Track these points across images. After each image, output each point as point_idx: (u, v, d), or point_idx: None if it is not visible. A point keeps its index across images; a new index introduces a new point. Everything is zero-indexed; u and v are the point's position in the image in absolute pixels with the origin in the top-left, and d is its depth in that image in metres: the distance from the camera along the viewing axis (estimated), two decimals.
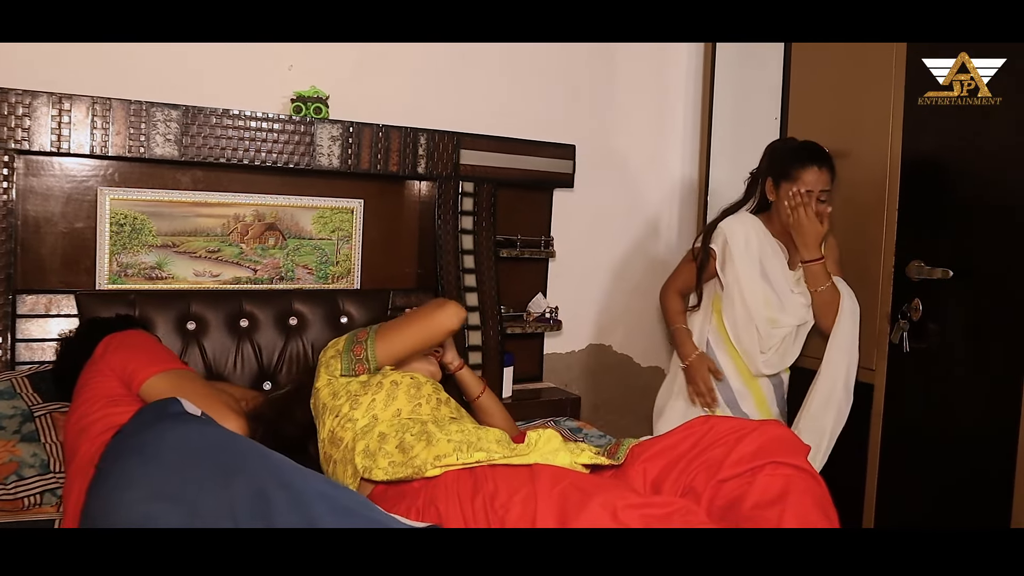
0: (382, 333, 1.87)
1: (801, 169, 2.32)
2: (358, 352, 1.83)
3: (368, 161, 2.45)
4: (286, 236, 2.50)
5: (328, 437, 1.74)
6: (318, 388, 1.84)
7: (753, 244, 2.35)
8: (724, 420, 1.62)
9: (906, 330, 2.34)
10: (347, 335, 1.92)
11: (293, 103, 2.41)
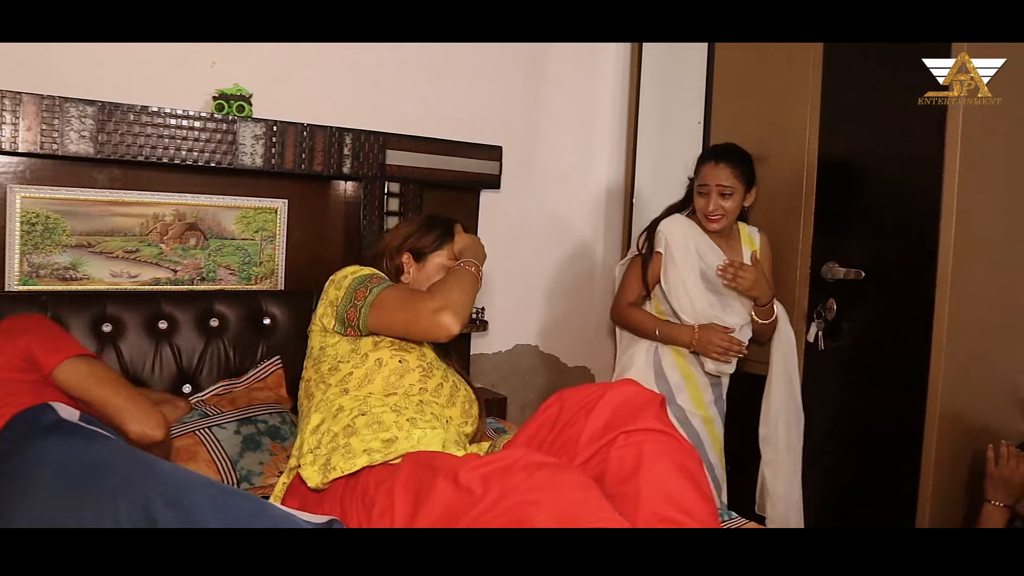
0: (378, 305, 1.75)
1: (702, 164, 2.41)
2: (351, 317, 1.77)
3: (292, 161, 2.42)
4: (208, 236, 2.45)
5: (311, 372, 1.82)
6: (318, 317, 1.85)
7: (691, 246, 2.40)
8: (573, 394, 1.59)
9: (821, 329, 2.42)
10: (350, 284, 1.81)
11: (215, 101, 2.36)
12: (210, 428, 2.04)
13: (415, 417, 1.67)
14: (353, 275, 1.83)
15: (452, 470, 1.36)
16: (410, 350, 1.80)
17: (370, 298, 1.76)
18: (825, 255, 2.43)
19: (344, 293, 1.80)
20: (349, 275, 1.84)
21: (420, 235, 2.03)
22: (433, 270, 1.99)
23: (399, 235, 2.05)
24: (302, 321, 2.47)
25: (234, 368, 2.36)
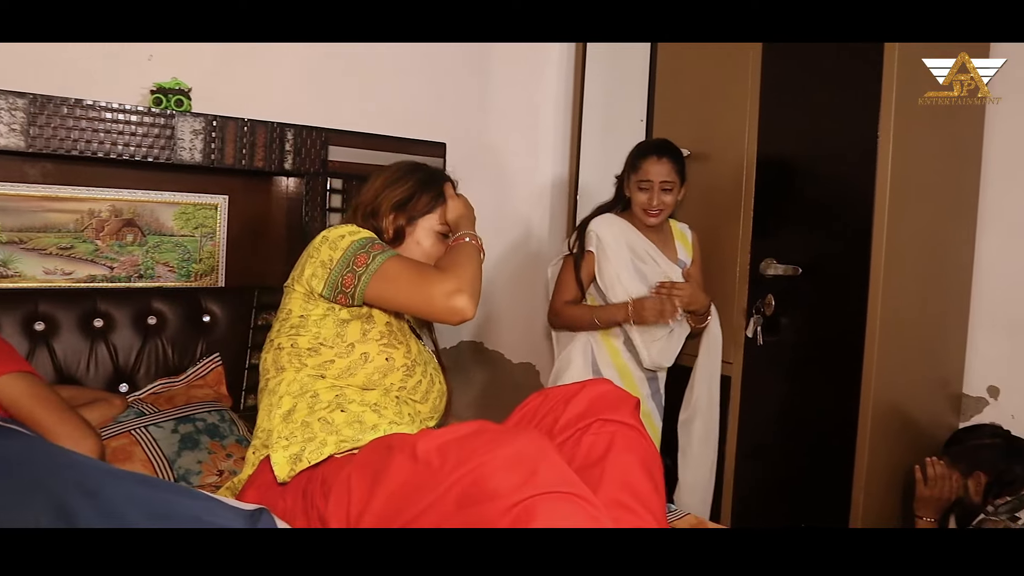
0: (382, 275, 1.61)
1: (643, 159, 2.43)
2: (348, 283, 1.61)
3: (232, 156, 2.39)
4: (145, 233, 2.41)
5: (284, 339, 1.68)
6: (303, 278, 1.67)
7: (623, 242, 2.42)
8: (556, 389, 1.67)
9: (760, 324, 2.47)
10: (349, 246, 1.65)
11: (153, 95, 2.32)
12: (146, 427, 2.00)
13: (395, 420, 1.63)
14: (352, 237, 1.67)
15: (409, 445, 1.34)
16: (397, 346, 1.70)
17: (373, 266, 1.61)
18: (763, 252, 2.47)
19: (341, 255, 1.63)
20: (347, 236, 1.67)
21: (416, 197, 1.85)
22: (422, 235, 1.85)
23: (392, 195, 1.84)
24: (243, 318, 2.45)
25: (173, 366, 2.32)
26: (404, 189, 1.85)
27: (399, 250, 1.77)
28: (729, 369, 2.57)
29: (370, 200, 1.85)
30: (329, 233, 1.69)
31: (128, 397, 2.15)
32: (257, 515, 1.32)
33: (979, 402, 2.55)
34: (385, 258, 1.62)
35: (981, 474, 2.26)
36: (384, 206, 1.83)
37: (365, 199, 1.86)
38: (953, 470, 2.29)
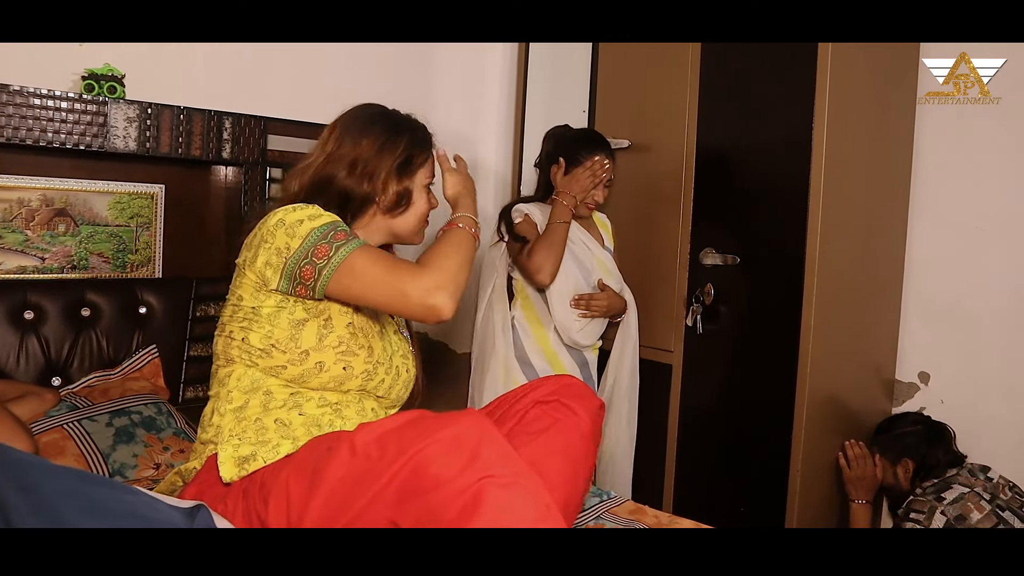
0: (348, 271, 1.44)
1: (596, 152, 2.44)
2: (307, 275, 1.45)
3: (169, 145, 2.34)
4: (78, 223, 2.35)
5: (235, 328, 1.52)
6: (256, 265, 1.49)
7: None
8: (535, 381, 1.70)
9: (700, 313, 2.50)
10: (308, 234, 1.46)
11: (84, 81, 2.26)
12: (79, 421, 1.96)
13: (355, 417, 1.54)
14: (312, 223, 1.47)
15: (347, 440, 1.28)
16: (357, 351, 1.54)
17: (336, 259, 1.44)
18: (702, 242, 2.51)
19: (299, 244, 1.45)
20: (306, 220, 1.48)
21: (415, 157, 1.68)
22: (418, 196, 1.70)
23: (390, 159, 1.63)
24: (181, 310, 2.41)
25: (108, 359, 2.28)
26: (401, 150, 1.65)
27: (402, 217, 1.67)
28: (670, 357, 2.60)
29: (354, 163, 1.61)
30: (286, 216, 1.49)
31: (61, 391, 2.10)
32: (195, 512, 1.30)
33: (911, 387, 2.62)
34: (350, 250, 1.45)
35: (908, 461, 2.36)
36: (382, 171, 1.63)
37: (343, 162, 1.61)
38: (874, 452, 2.41)
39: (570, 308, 2.42)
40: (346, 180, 1.60)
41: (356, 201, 1.61)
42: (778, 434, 2.34)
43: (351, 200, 1.60)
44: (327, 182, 1.60)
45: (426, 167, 1.71)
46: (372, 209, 1.64)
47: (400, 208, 1.66)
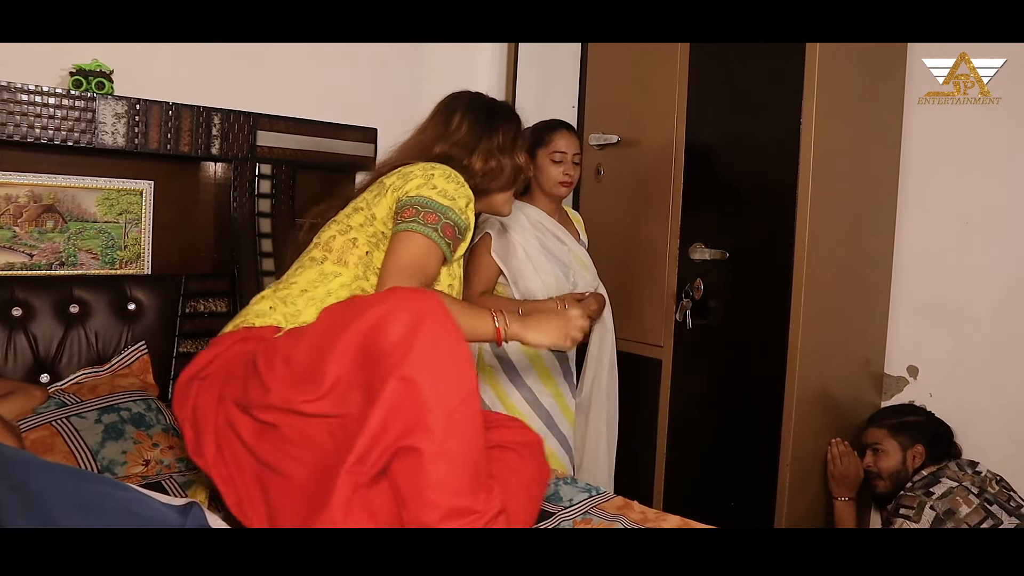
0: (404, 239, 1.67)
1: (553, 133, 2.46)
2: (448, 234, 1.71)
3: (157, 141, 2.34)
4: (67, 219, 2.34)
5: (362, 234, 1.76)
6: (404, 189, 1.74)
7: (527, 224, 2.44)
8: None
9: (689, 308, 2.51)
10: (439, 202, 1.69)
11: (72, 76, 2.25)
12: (68, 418, 1.95)
13: None
14: (448, 200, 1.71)
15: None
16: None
17: (412, 225, 1.68)
18: (692, 237, 2.51)
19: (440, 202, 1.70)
20: (450, 193, 1.72)
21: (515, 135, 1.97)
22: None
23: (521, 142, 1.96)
24: (170, 306, 2.40)
25: (97, 355, 2.27)
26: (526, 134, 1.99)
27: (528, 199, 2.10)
28: (659, 352, 2.61)
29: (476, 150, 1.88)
30: (445, 180, 1.73)
31: (49, 388, 2.10)
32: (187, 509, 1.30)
33: (899, 381, 2.64)
34: (425, 232, 1.66)
35: (920, 447, 2.36)
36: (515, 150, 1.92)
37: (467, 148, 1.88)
38: (869, 441, 2.42)
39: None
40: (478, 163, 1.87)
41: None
42: (768, 428, 2.35)
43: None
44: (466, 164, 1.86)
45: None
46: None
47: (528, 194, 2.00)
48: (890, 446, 2.39)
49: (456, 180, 1.74)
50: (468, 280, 2.46)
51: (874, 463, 2.42)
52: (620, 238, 2.71)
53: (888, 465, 2.39)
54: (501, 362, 2.45)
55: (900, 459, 2.38)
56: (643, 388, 2.62)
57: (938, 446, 2.37)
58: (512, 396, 2.43)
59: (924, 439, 2.37)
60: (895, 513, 2.26)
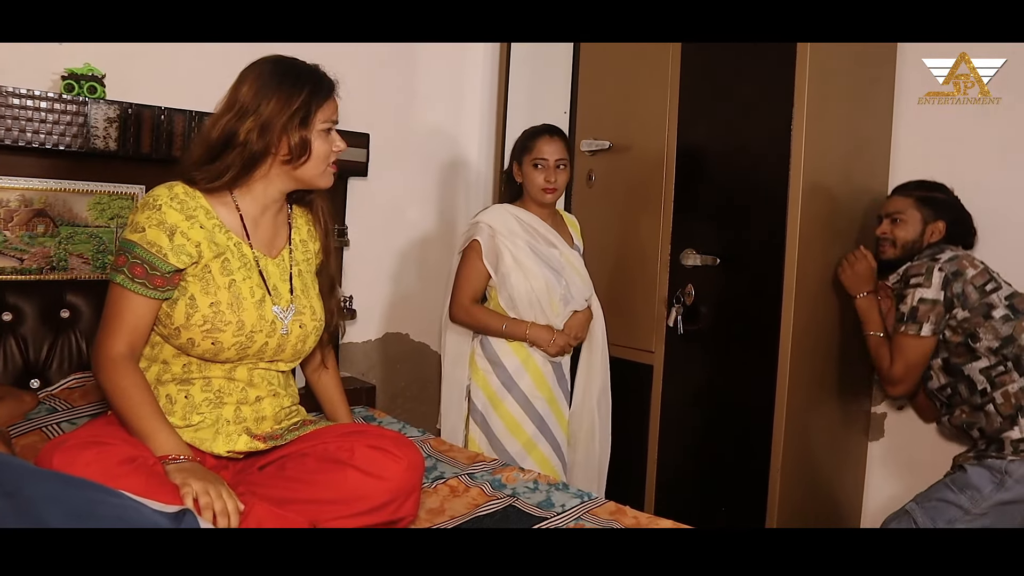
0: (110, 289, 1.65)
1: (536, 140, 2.46)
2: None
3: (150, 145, 2.33)
4: (58, 223, 2.33)
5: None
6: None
7: (517, 229, 2.45)
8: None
9: (680, 314, 2.52)
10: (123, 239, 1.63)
11: (64, 80, 2.24)
12: (58, 424, 1.94)
13: (244, 378, 1.75)
14: (132, 233, 1.61)
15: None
16: (223, 328, 1.68)
17: (112, 275, 1.64)
18: (683, 242, 2.52)
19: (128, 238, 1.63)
20: (137, 224, 1.61)
21: (308, 107, 1.69)
22: (316, 139, 1.71)
23: (283, 112, 1.66)
24: None
25: (88, 361, 2.26)
26: (299, 104, 1.67)
27: (304, 166, 1.70)
28: (651, 358, 2.62)
29: (253, 118, 1.65)
30: (139, 207, 1.65)
31: (39, 393, 2.09)
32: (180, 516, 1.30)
33: None
34: (114, 279, 1.60)
35: (942, 223, 2.33)
36: (277, 125, 1.65)
37: (246, 117, 1.65)
38: (916, 212, 2.35)
39: (541, 314, 2.45)
40: (244, 135, 1.64)
41: (248, 155, 1.66)
42: (759, 434, 2.36)
43: (248, 154, 1.65)
44: (232, 136, 1.65)
45: (323, 111, 1.72)
46: (268, 161, 1.69)
47: (301, 158, 1.69)
48: (912, 217, 2.35)
49: (152, 206, 1.61)
50: (457, 286, 2.48)
51: (891, 231, 2.38)
52: (612, 244, 2.72)
53: (905, 235, 2.36)
54: (493, 365, 2.45)
55: (919, 232, 2.35)
56: (635, 393, 2.63)
57: (958, 229, 2.34)
58: (505, 400, 2.44)
59: (948, 217, 2.33)
60: (906, 285, 2.28)
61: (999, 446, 2.16)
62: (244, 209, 1.72)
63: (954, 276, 2.21)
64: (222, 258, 1.66)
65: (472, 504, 1.82)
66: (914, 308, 2.24)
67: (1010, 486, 2.13)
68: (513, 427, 2.43)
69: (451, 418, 2.53)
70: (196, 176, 1.66)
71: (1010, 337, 2.18)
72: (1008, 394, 2.17)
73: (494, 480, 1.95)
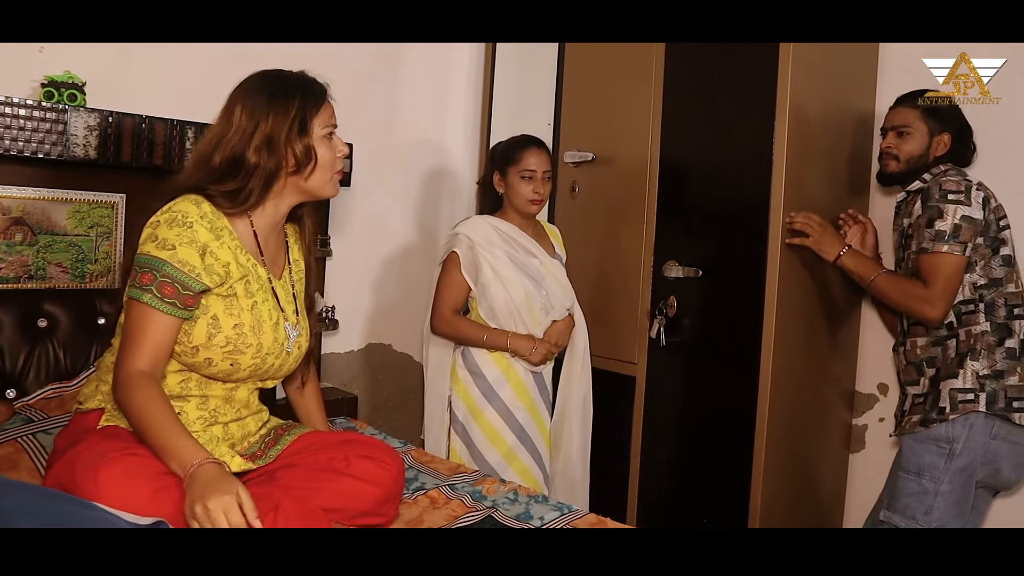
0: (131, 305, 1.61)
1: (523, 151, 2.46)
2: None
3: (130, 154, 2.32)
4: (36, 232, 2.31)
5: None
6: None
7: (496, 240, 2.45)
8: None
9: (663, 325, 2.52)
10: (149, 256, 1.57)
11: (44, 88, 2.23)
12: (34, 434, 1.92)
13: (243, 397, 1.78)
14: (160, 250, 1.57)
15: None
16: (244, 350, 1.68)
17: (134, 292, 1.59)
18: (666, 254, 2.53)
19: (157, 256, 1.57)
20: (168, 243, 1.57)
21: (303, 114, 1.68)
22: (319, 144, 1.69)
23: (282, 124, 1.64)
24: None
25: (65, 371, 2.24)
26: (294, 113, 1.66)
27: (312, 176, 1.68)
28: (633, 369, 2.62)
29: (255, 137, 1.63)
30: (163, 224, 1.58)
31: (15, 403, 2.07)
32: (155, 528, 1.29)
33: (870, 398, 2.66)
34: (139, 297, 1.55)
35: (947, 135, 2.24)
36: (281, 139, 1.64)
37: (246, 137, 1.63)
38: (922, 124, 2.25)
39: (521, 325, 2.45)
40: (254, 156, 1.62)
41: (266, 175, 1.64)
42: (740, 445, 2.36)
43: (264, 173, 1.63)
44: (241, 159, 1.63)
45: (320, 116, 1.71)
46: (282, 176, 1.67)
47: (308, 167, 1.67)
48: (919, 129, 2.24)
49: (181, 223, 1.56)
50: (437, 298, 2.49)
51: (896, 145, 2.27)
52: (594, 255, 2.72)
53: (910, 148, 2.25)
54: (474, 375, 2.45)
55: (925, 145, 2.24)
56: (617, 405, 2.63)
57: (963, 140, 2.26)
58: (485, 410, 2.43)
59: (954, 129, 2.24)
60: (944, 199, 2.11)
61: (940, 408, 2.14)
62: (259, 228, 1.71)
63: (986, 201, 2.12)
64: (245, 280, 1.66)
65: (451, 516, 1.81)
66: (957, 225, 2.09)
67: (959, 452, 2.12)
68: (493, 437, 2.43)
69: (435, 430, 2.52)
70: (215, 197, 1.63)
71: (998, 280, 2.14)
72: (971, 333, 2.13)
73: (475, 492, 1.94)
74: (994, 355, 2.13)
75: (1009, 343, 2.14)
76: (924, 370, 2.23)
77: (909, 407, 2.25)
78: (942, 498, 2.13)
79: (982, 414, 2.11)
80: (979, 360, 2.13)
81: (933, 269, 2.12)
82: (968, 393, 2.12)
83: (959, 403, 2.12)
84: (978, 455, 2.12)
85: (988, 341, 2.14)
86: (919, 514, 2.15)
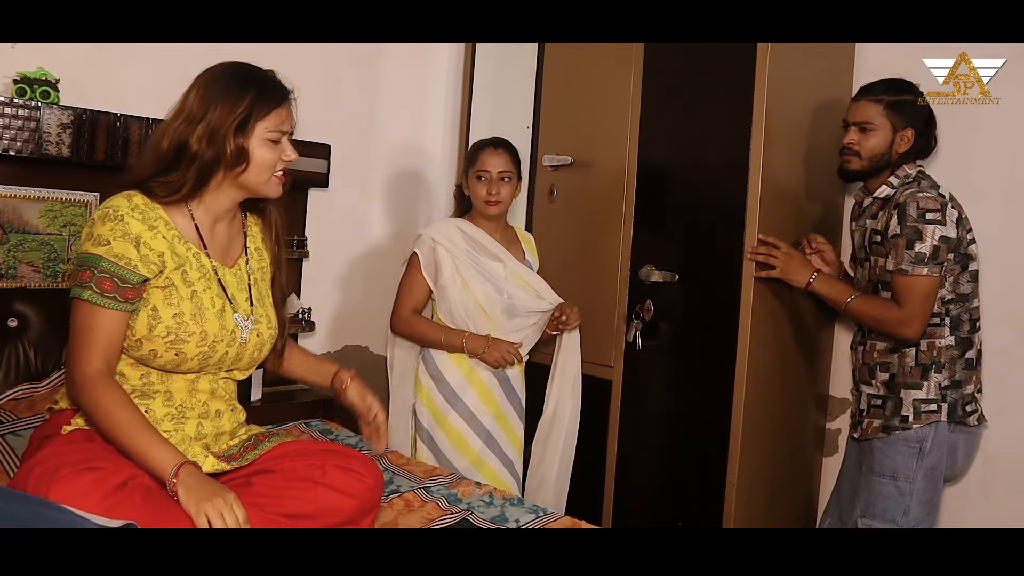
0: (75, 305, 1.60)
1: (480, 152, 2.47)
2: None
3: (104, 152, 2.30)
4: (7, 230, 2.29)
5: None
6: None
7: (460, 242, 2.45)
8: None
9: (639, 329, 2.53)
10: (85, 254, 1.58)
11: (16, 84, 2.21)
12: (3, 436, 1.90)
13: (206, 389, 1.75)
14: (95, 246, 1.56)
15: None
16: (187, 339, 1.66)
17: (75, 291, 1.58)
18: (643, 258, 2.53)
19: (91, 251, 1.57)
20: (101, 237, 1.57)
21: (249, 112, 1.65)
22: (256, 146, 1.66)
23: (227, 118, 1.62)
24: None
25: (36, 371, 2.22)
26: (241, 109, 1.64)
27: (246, 174, 1.66)
28: (609, 373, 2.62)
29: (200, 125, 1.61)
30: (99, 218, 1.59)
31: None
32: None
33: (844, 403, 2.68)
34: (79, 295, 1.54)
35: (911, 131, 2.20)
36: (222, 132, 1.62)
37: (193, 124, 1.62)
38: (885, 120, 2.20)
39: (484, 326, 2.44)
40: (196, 144, 1.61)
41: (204, 165, 1.63)
42: (715, 449, 2.37)
43: (202, 164, 1.62)
44: (184, 146, 1.62)
45: (269, 119, 1.67)
46: (221, 169, 1.65)
47: (240, 166, 1.65)
48: (882, 125, 2.19)
49: (113, 217, 1.57)
50: (398, 298, 2.50)
51: (858, 141, 2.22)
52: (572, 259, 2.72)
53: (872, 145, 2.20)
54: (436, 381, 2.44)
55: (888, 141, 2.20)
56: (593, 408, 2.63)
57: (927, 135, 2.22)
58: (449, 415, 2.43)
59: (918, 124, 2.20)
60: (919, 219, 2.09)
61: (903, 417, 2.16)
62: (199, 219, 1.69)
63: (959, 219, 2.11)
64: (182, 269, 1.64)
65: (426, 519, 1.81)
66: (936, 247, 2.07)
67: (928, 450, 2.15)
68: (459, 443, 2.42)
69: (398, 435, 2.50)
70: (153, 187, 1.63)
71: (965, 296, 2.15)
72: (935, 346, 2.15)
73: (450, 494, 1.94)
74: (955, 367, 2.18)
75: (969, 355, 2.20)
76: (877, 373, 2.25)
77: (866, 408, 2.28)
78: (916, 497, 2.16)
79: (945, 423, 2.16)
80: (942, 372, 2.17)
81: (911, 291, 2.11)
82: (931, 404, 2.16)
83: (922, 413, 2.16)
84: (944, 453, 2.18)
85: (952, 355, 2.18)
86: (898, 516, 2.17)
